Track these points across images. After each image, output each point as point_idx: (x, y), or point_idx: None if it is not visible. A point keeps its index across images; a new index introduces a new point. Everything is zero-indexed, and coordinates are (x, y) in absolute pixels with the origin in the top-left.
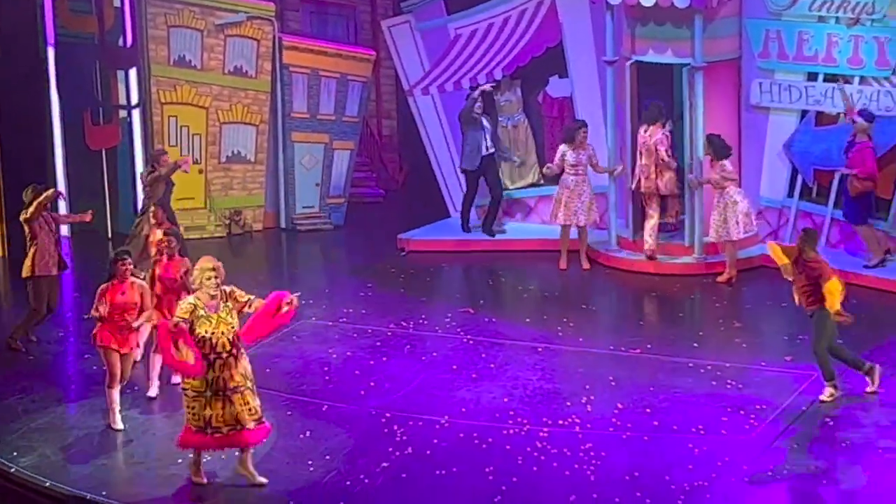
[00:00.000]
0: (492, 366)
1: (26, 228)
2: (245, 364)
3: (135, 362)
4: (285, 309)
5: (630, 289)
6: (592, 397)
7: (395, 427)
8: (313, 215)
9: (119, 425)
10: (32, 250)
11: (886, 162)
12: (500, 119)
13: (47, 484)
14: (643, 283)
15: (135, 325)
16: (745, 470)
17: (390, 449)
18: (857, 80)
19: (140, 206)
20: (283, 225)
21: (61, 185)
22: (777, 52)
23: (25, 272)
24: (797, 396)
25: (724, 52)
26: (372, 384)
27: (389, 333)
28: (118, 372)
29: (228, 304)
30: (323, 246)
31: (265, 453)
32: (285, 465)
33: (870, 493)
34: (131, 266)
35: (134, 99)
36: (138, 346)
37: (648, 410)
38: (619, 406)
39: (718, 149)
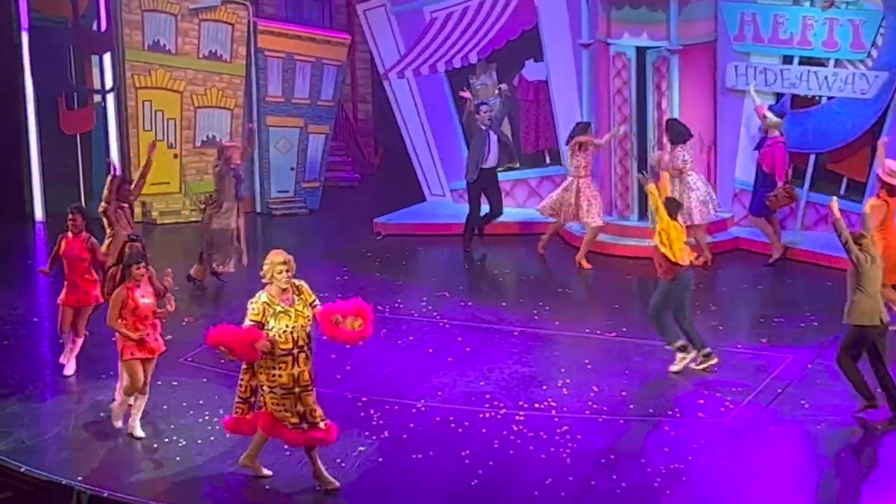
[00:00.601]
0: (468, 350)
1: (104, 220)
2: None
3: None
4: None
5: (606, 272)
6: (568, 381)
7: (372, 411)
8: (288, 199)
9: (140, 433)
10: (108, 241)
11: (860, 146)
12: (477, 103)
13: (23, 469)
14: (619, 266)
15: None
16: (721, 452)
17: (366, 433)
18: (832, 62)
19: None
20: (258, 209)
21: (35, 170)
22: (752, 34)
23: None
24: (773, 379)
25: (699, 35)
26: (348, 368)
27: None
28: (141, 379)
29: (303, 296)
30: (298, 230)
31: (241, 439)
32: (263, 450)
33: (846, 475)
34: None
35: (108, 83)
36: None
37: (624, 393)
38: (595, 389)
39: (676, 133)
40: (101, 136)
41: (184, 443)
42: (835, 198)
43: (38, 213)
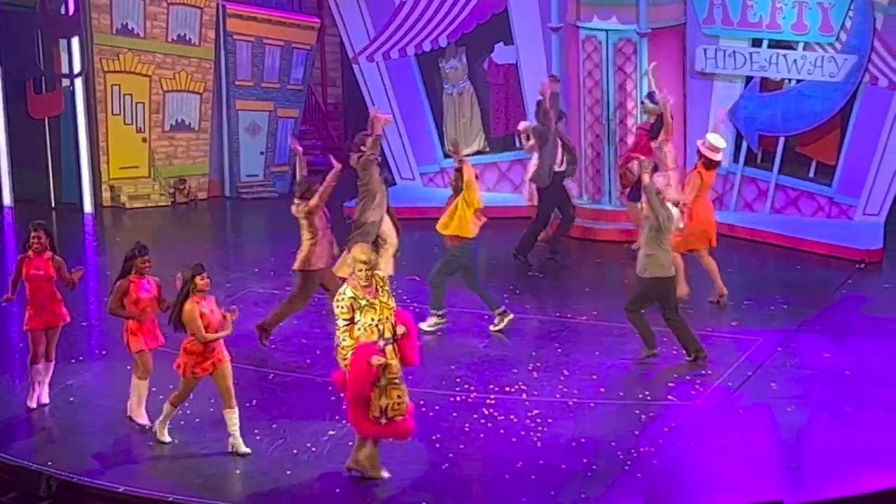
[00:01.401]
0: (439, 333)
1: (304, 221)
2: None
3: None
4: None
5: (577, 256)
6: (539, 364)
7: (342, 395)
8: (258, 183)
9: (166, 437)
10: (310, 242)
11: (830, 129)
12: (444, 86)
13: None
14: (590, 250)
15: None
16: (691, 436)
17: (337, 417)
18: (801, 46)
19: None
20: (227, 193)
21: (3, 155)
22: (721, 18)
23: (300, 265)
24: (743, 362)
25: (668, 19)
26: (318, 352)
27: None
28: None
29: (385, 287)
30: (268, 214)
31: (212, 422)
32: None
33: (815, 457)
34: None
35: (77, 67)
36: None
37: (594, 377)
38: (566, 373)
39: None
40: (70, 119)
41: (153, 428)
42: (643, 159)
43: (7, 199)
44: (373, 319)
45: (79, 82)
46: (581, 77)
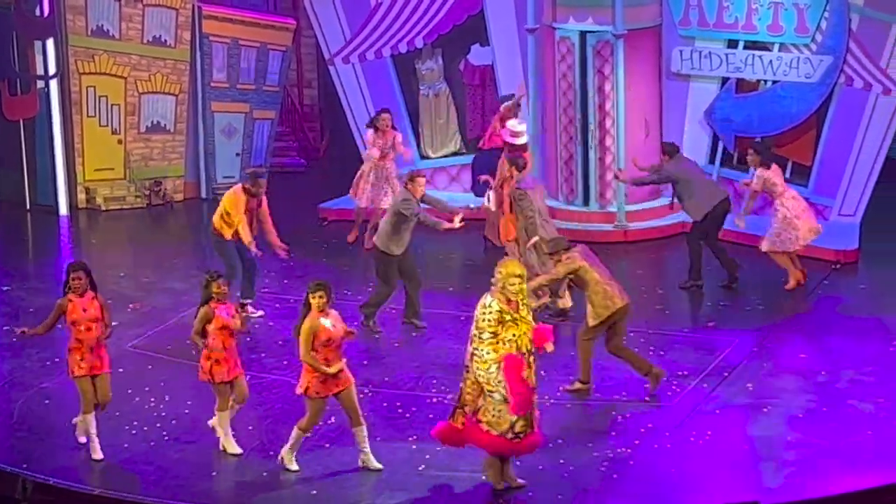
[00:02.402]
0: (415, 335)
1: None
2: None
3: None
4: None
5: None
6: None
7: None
8: (234, 185)
9: (294, 466)
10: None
11: (806, 129)
12: (420, 88)
13: None
14: None
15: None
16: (668, 436)
17: None
18: (776, 47)
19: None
20: (203, 195)
21: None
22: (697, 19)
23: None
24: (719, 362)
25: (644, 20)
26: (294, 354)
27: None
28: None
29: (526, 301)
30: None
31: (189, 424)
32: (208, 435)
33: (791, 457)
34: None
35: (52, 69)
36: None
37: (571, 378)
38: (542, 374)
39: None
40: (45, 121)
41: (132, 430)
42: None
43: None
44: (514, 335)
45: (54, 84)
46: (556, 78)
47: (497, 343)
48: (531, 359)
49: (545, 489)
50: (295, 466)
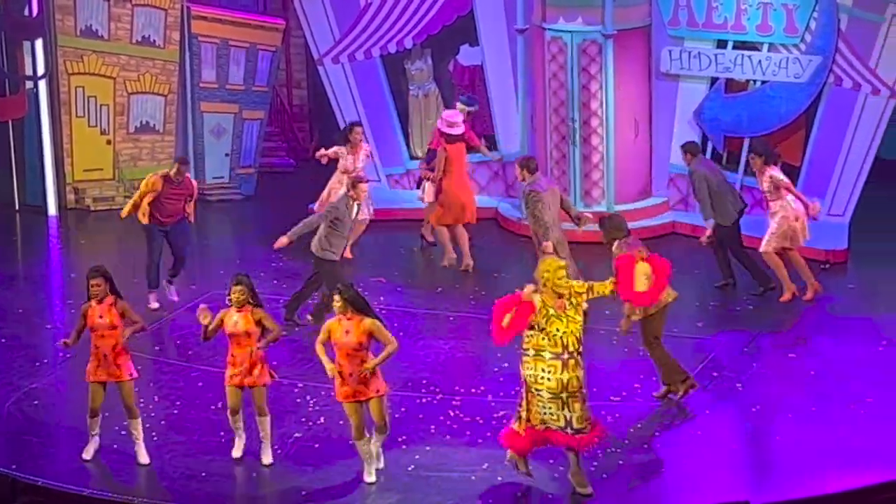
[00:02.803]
0: (403, 335)
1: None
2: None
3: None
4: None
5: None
6: (505, 365)
7: (308, 397)
8: (223, 186)
9: (372, 477)
10: None
11: (794, 129)
12: (410, 88)
13: None
14: None
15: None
16: (658, 436)
17: (303, 419)
18: (766, 47)
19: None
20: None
21: None
22: (687, 19)
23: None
24: (708, 362)
25: (634, 20)
26: (285, 355)
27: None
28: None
29: (573, 299)
30: (233, 216)
31: (178, 425)
32: (197, 437)
33: (781, 457)
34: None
35: (40, 69)
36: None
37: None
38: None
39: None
40: (34, 122)
41: (120, 430)
42: None
43: None
44: (558, 331)
45: (43, 84)
46: (546, 78)
47: (536, 337)
48: (579, 358)
49: (536, 489)
50: (373, 478)
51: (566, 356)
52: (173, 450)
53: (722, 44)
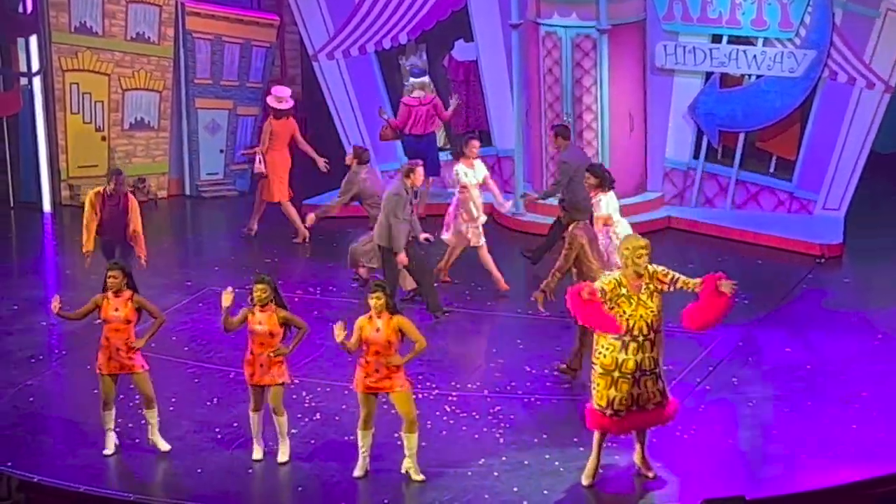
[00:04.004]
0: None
1: None
2: (660, 349)
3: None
4: (725, 289)
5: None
6: (501, 361)
7: (304, 393)
8: (218, 182)
9: (420, 475)
10: None
11: (789, 123)
12: (405, 84)
13: None
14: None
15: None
16: (653, 431)
17: (298, 415)
18: (760, 41)
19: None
20: (187, 192)
21: None
22: (681, 14)
23: None
24: (704, 357)
25: (628, 15)
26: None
27: (297, 300)
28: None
29: (650, 284)
30: (228, 212)
31: (174, 420)
32: (192, 432)
33: (776, 452)
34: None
35: (35, 66)
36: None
37: (556, 373)
38: (528, 369)
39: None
40: (28, 119)
41: (116, 427)
42: None
43: None
44: (625, 312)
45: (37, 81)
46: (541, 74)
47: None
48: (646, 344)
49: (532, 484)
50: (420, 476)
51: (628, 338)
52: (170, 445)
53: (717, 38)
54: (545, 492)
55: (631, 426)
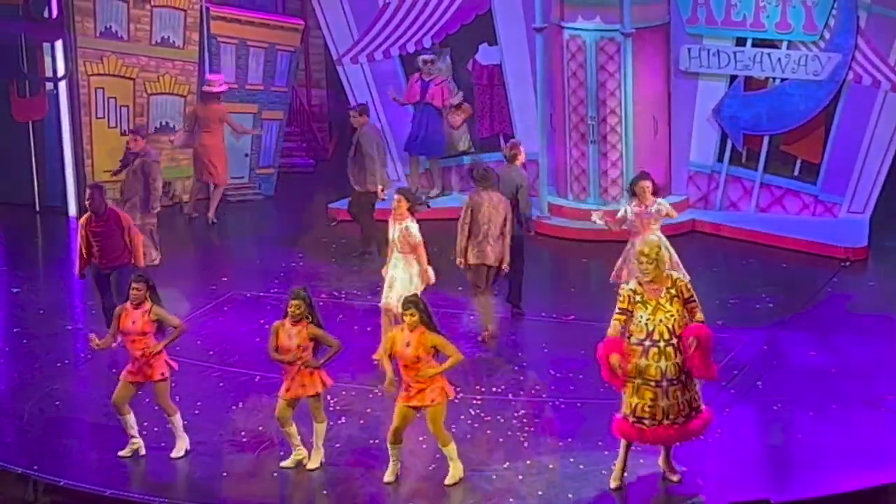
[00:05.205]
0: None
1: None
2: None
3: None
4: (690, 346)
5: (561, 255)
6: (525, 364)
7: (329, 396)
8: (243, 186)
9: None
10: None
11: (814, 126)
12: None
13: None
14: (574, 249)
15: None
16: None
17: None
18: (785, 44)
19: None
20: None
21: None
22: (705, 17)
23: None
24: (728, 360)
25: (652, 19)
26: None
27: (321, 303)
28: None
29: (671, 290)
30: (253, 216)
31: (198, 424)
32: (218, 436)
33: (801, 455)
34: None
35: (60, 71)
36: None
37: (581, 377)
38: (552, 373)
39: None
40: (54, 123)
41: (141, 431)
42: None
43: None
44: (642, 317)
45: (63, 86)
46: (566, 77)
47: (629, 322)
48: (669, 350)
49: (557, 488)
50: (391, 477)
51: (648, 343)
52: (194, 449)
53: (741, 41)
54: (570, 495)
55: (655, 440)
